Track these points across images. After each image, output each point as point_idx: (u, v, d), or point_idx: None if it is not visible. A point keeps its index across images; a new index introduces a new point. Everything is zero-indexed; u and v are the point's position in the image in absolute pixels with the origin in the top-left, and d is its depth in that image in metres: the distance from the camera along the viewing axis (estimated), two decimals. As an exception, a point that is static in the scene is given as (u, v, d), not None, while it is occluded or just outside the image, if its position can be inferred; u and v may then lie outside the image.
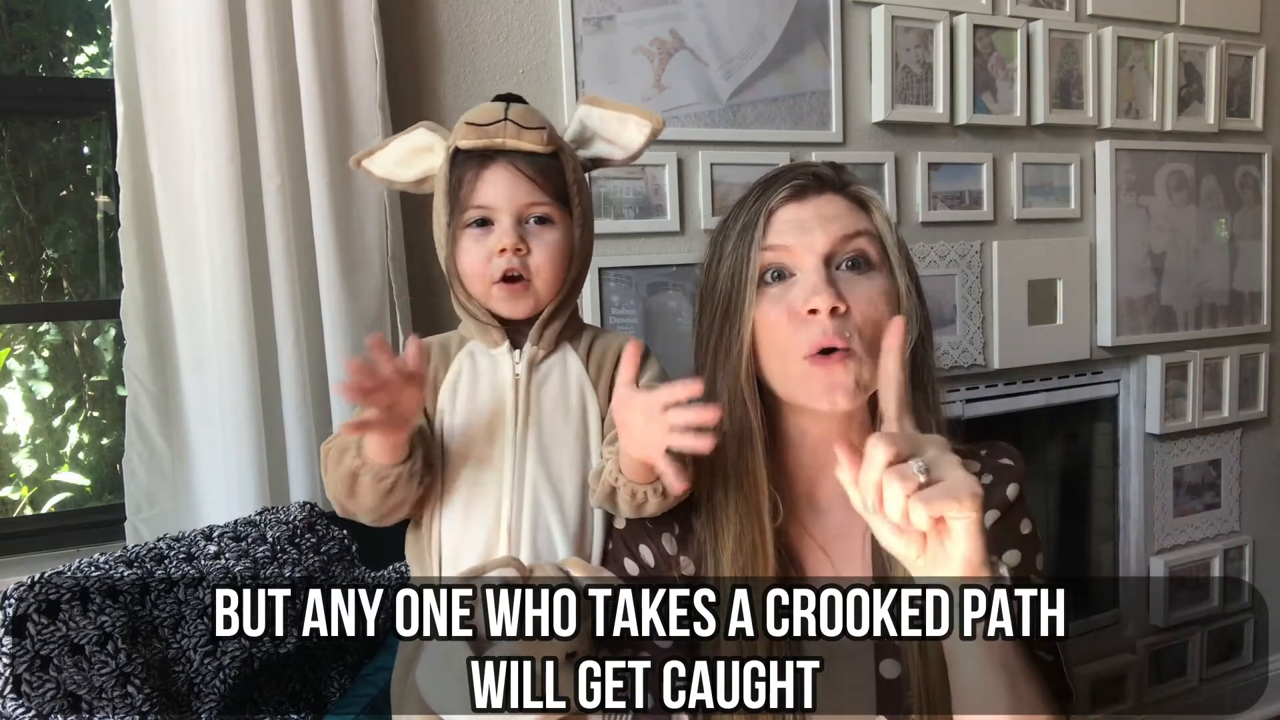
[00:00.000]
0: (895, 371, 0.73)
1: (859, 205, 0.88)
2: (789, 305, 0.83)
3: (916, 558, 0.67)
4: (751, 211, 0.87)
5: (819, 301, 0.81)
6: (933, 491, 0.63)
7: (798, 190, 0.86)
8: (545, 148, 0.93)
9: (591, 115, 1.00)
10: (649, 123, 0.98)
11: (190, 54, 1.30)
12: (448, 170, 0.94)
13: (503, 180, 0.92)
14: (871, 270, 0.85)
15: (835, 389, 0.81)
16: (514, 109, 0.94)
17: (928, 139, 1.95)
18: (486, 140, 0.92)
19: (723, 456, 0.86)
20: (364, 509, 0.89)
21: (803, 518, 0.89)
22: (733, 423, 0.86)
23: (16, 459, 1.62)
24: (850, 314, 0.82)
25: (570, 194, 0.95)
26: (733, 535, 0.85)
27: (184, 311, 1.36)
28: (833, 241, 0.84)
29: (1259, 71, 2.32)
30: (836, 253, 0.84)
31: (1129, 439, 2.26)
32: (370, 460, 0.85)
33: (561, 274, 0.94)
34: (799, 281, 0.83)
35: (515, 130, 0.92)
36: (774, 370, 0.85)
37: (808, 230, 0.84)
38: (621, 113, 0.99)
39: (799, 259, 0.84)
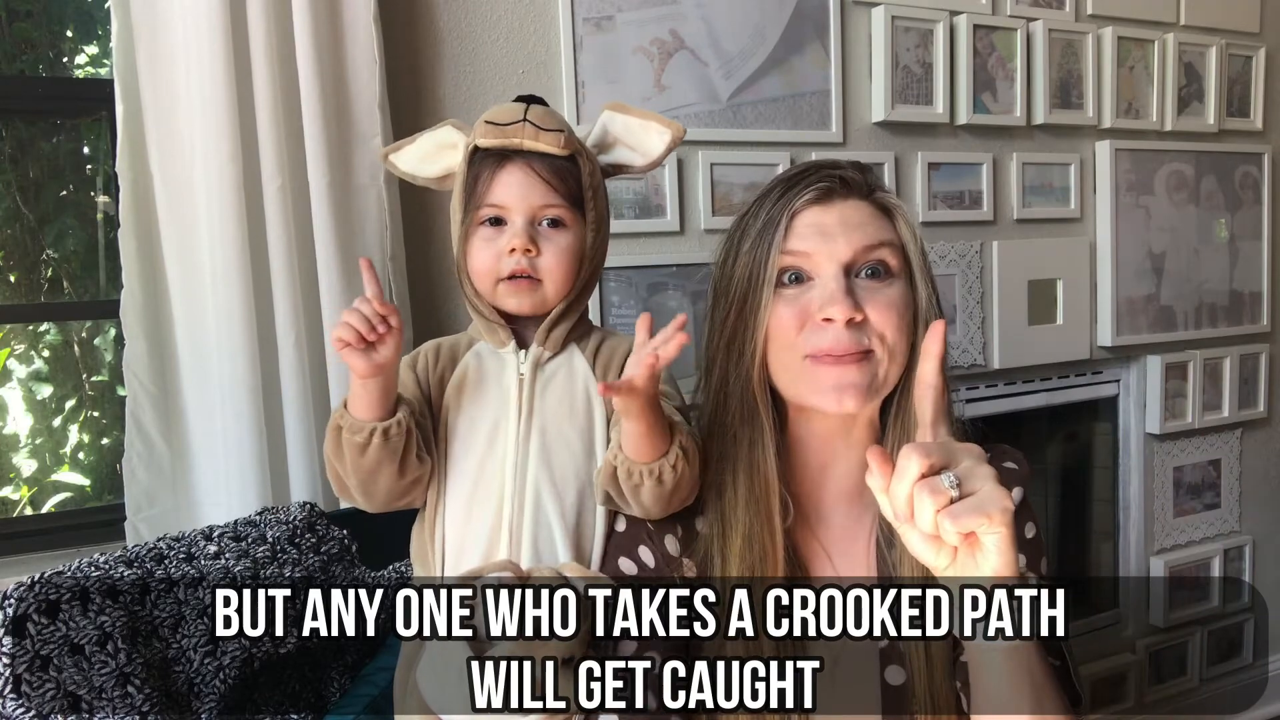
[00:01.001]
0: (933, 378, 0.71)
1: (884, 212, 0.87)
2: (804, 308, 0.82)
3: (946, 568, 0.66)
4: (773, 211, 0.86)
5: (835, 311, 0.80)
6: (962, 507, 0.61)
7: (823, 194, 0.85)
8: (562, 150, 0.93)
9: (615, 121, 1.00)
10: (669, 131, 0.99)
11: (190, 54, 1.30)
12: (465, 167, 0.95)
13: (517, 180, 0.92)
14: (891, 278, 0.84)
15: (846, 390, 0.81)
16: (534, 110, 0.94)
17: (928, 139, 1.95)
18: (504, 140, 0.92)
19: (732, 455, 0.86)
20: (346, 471, 0.89)
21: (808, 520, 0.89)
22: (744, 422, 0.85)
23: (16, 459, 1.62)
24: (867, 323, 0.81)
25: (585, 198, 0.95)
26: (741, 535, 0.84)
27: (184, 311, 1.36)
28: (854, 251, 0.83)
29: (1259, 71, 2.32)
30: (857, 261, 0.83)
31: (1129, 439, 2.26)
32: (349, 414, 0.85)
33: (571, 276, 0.94)
34: (816, 286, 0.83)
35: (533, 131, 0.92)
36: (781, 369, 0.85)
37: (830, 237, 0.83)
38: (644, 120, 0.99)
39: (819, 265, 0.83)
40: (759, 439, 0.85)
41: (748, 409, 0.85)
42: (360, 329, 0.81)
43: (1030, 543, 0.89)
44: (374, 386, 0.84)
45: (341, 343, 0.81)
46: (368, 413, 0.85)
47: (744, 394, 0.85)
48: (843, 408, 0.81)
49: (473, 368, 0.96)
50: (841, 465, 0.89)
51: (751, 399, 0.85)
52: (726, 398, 0.87)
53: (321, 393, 1.40)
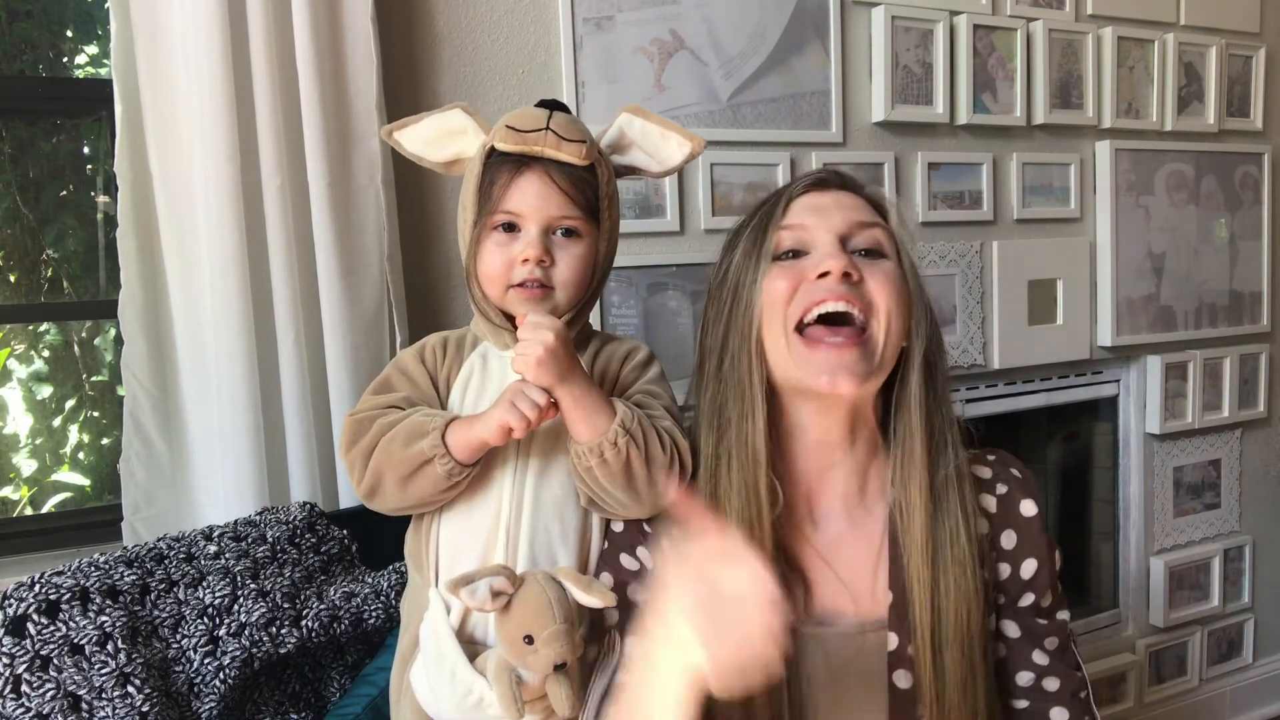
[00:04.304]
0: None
1: (876, 209, 0.89)
2: (799, 273, 0.83)
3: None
4: (770, 202, 0.88)
5: (832, 264, 0.81)
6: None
7: (818, 182, 0.88)
8: (583, 160, 0.92)
9: (633, 125, 1.00)
10: (690, 144, 0.99)
11: (189, 54, 1.30)
12: (480, 169, 0.93)
13: (535, 189, 0.91)
14: (885, 259, 0.85)
15: (840, 371, 0.80)
16: (556, 118, 0.93)
17: (928, 139, 1.95)
18: (525, 147, 0.91)
19: (727, 436, 0.85)
20: (413, 494, 0.88)
21: (801, 526, 0.89)
22: (737, 399, 0.85)
23: (16, 459, 1.62)
24: (863, 285, 0.82)
25: (600, 207, 0.94)
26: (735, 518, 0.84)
27: (183, 311, 1.35)
28: (850, 225, 0.84)
29: (1259, 71, 2.32)
30: (852, 234, 0.85)
31: (1129, 439, 2.26)
32: (455, 453, 0.85)
33: (583, 286, 0.94)
34: (812, 256, 0.84)
35: (555, 141, 0.91)
36: (773, 346, 0.84)
37: (826, 213, 0.85)
38: (664, 129, 0.99)
39: (815, 236, 0.84)
40: (749, 416, 0.84)
41: (741, 384, 0.85)
42: (531, 416, 0.84)
43: (1045, 563, 0.90)
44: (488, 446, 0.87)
45: (510, 431, 0.84)
46: (472, 458, 0.87)
47: (737, 369, 0.85)
48: (836, 389, 0.80)
49: (478, 369, 0.96)
50: (840, 470, 0.89)
51: (746, 374, 0.84)
52: (722, 380, 0.87)
53: (321, 393, 1.40)
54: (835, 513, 0.89)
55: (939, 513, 0.84)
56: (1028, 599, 0.90)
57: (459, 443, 0.85)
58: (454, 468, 0.85)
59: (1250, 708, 2.45)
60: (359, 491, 0.91)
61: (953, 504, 0.84)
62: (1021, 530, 0.90)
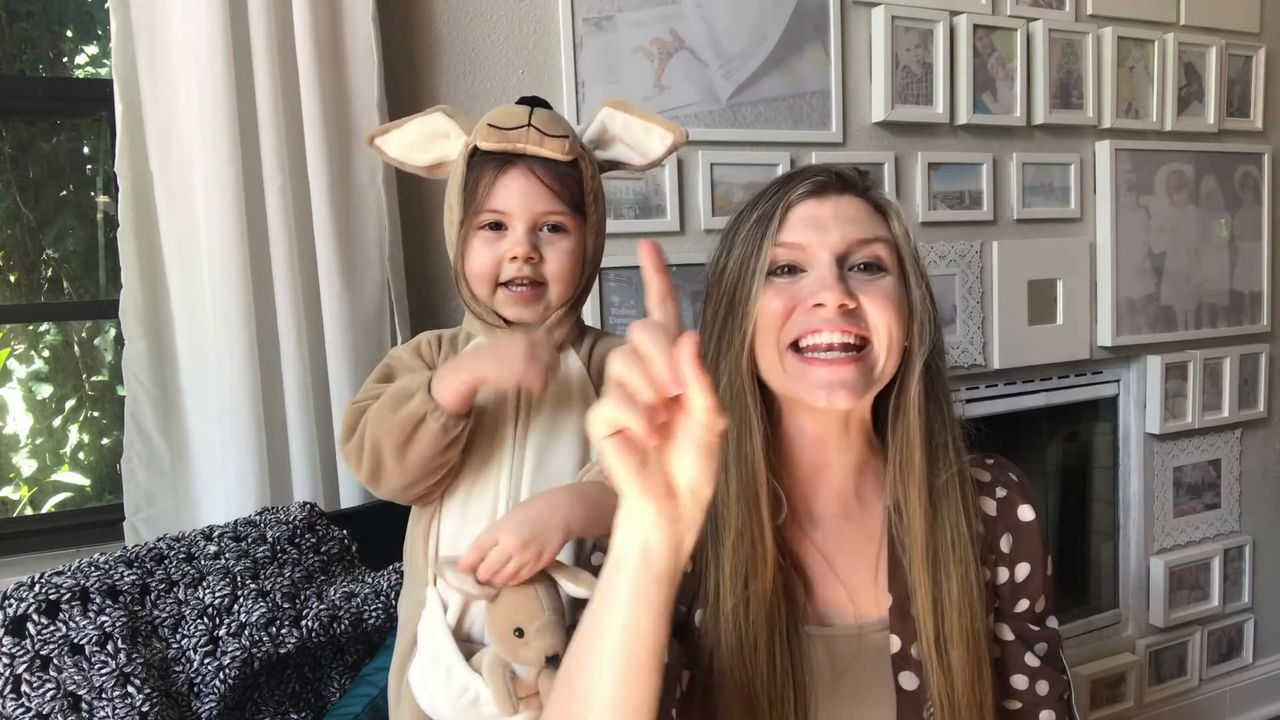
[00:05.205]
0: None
1: (878, 210, 0.87)
2: (794, 295, 0.82)
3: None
4: (769, 205, 0.86)
5: (827, 297, 0.79)
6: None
7: (818, 187, 0.85)
8: (566, 156, 0.92)
9: (615, 119, 1.00)
10: (671, 135, 0.99)
11: (190, 54, 1.30)
12: (464, 168, 0.93)
13: (520, 186, 0.91)
14: (884, 273, 0.84)
15: (836, 388, 0.80)
16: (538, 115, 0.93)
17: (928, 139, 1.95)
18: (508, 144, 0.91)
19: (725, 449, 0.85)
20: (413, 461, 0.87)
21: (802, 524, 0.89)
22: (734, 415, 0.85)
23: (16, 459, 1.62)
24: (860, 311, 0.81)
25: (586, 202, 0.94)
26: (734, 529, 0.84)
27: (184, 311, 1.36)
28: (848, 243, 0.82)
29: (1259, 71, 2.32)
30: (851, 253, 0.83)
31: (1129, 439, 2.26)
32: (445, 406, 0.84)
33: (573, 281, 0.94)
34: (809, 276, 0.83)
35: (538, 137, 0.91)
36: (767, 364, 0.84)
37: (824, 229, 0.83)
38: (646, 121, 0.99)
39: (812, 256, 0.83)
40: (747, 431, 0.84)
41: (737, 400, 0.85)
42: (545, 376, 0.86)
43: (1037, 568, 0.90)
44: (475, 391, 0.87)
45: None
46: (464, 407, 0.86)
47: (733, 384, 0.85)
48: (833, 404, 0.80)
49: None
50: (836, 468, 0.89)
51: (740, 389, 0.84)
52: (718, 391, 0.86)
53: (322, 392, 1.40)
54: (833, 510, 0.89)
55: (938, 518, 0.84)
56: (1022, 604, 0.90)
57: (446, 392, 0.85)
58: (447, 420, 0.84)
59: (1250, 708, 2.45)
60: (361, 477, 0.91)
61: (953, 508, 0.84)
62: (1019, 535, 0.90)
